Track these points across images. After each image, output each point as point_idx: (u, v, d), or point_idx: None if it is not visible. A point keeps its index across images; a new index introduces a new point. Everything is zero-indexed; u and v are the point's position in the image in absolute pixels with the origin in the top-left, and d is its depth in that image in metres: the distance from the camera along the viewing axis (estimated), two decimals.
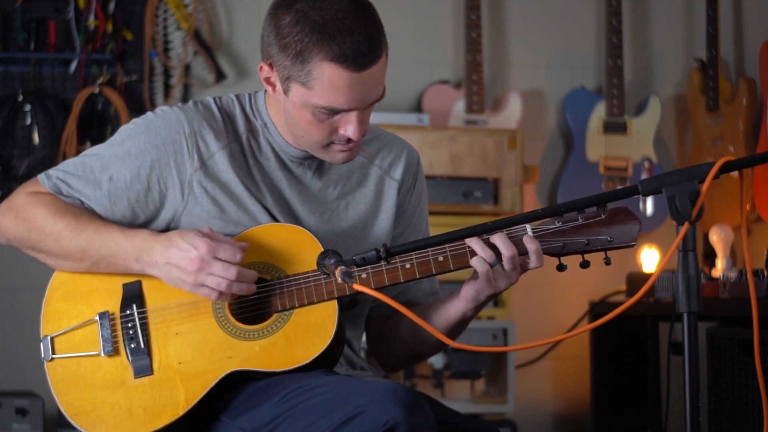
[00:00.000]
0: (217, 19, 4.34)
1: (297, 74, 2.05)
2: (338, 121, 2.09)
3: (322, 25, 2.02)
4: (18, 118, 4.14)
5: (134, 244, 2.11)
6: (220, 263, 2.05)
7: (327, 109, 2.07)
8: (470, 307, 2.16)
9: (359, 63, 2.02)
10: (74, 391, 2.15)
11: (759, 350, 1.86)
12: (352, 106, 2.06)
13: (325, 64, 2.02)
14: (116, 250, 2.12)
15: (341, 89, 2.04)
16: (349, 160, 2.17)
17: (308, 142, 2.15)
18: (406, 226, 2.33)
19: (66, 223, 2.14)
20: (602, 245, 2.09)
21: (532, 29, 4.62)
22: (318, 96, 2.05)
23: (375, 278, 2.11)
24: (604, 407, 4.28)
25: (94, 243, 2.13)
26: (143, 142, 2.17)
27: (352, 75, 2.03)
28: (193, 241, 2.05)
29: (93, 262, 2.14)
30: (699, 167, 1.78)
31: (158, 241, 2.09)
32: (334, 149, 2.14)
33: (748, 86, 4.27)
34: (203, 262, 2.05)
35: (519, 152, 4.17)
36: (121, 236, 2.12)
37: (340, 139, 2.11)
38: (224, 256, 2.05)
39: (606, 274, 4.42)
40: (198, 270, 2.05)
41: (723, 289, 3.34)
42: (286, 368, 2.08)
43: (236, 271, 2.05)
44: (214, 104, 2.23)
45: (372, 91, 2.07)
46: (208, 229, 2.09)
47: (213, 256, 2.05)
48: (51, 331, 2.18)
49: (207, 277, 2.06)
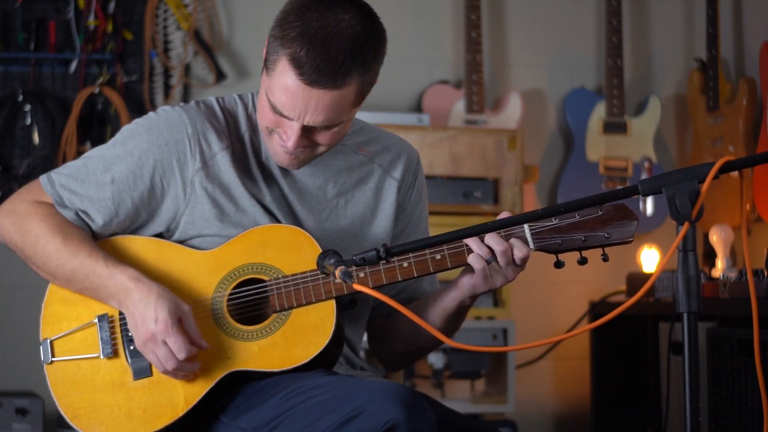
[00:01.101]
0: (217, 19, 4.34)
1: (270, 57, 2.06)
2: (282, 122, 2.09)
3: (306, 27, 2.01)
4: (18, 118, 4.14)
5: (116, 283, 2.11)
6: (165, 348, 2.06)
7: (271, 104, 2.07)
8: (467, 295, 2.16)
9: (309, 77, 2.01)
10: (74, 394, 2.15)
11: (759, 350, 1.85)
12: (291, 114, 2.06)
13: (285, 60, 2.02)
14: (99, 285, 2.13)
15: (286, 90, 2.03)
16: (290, 166, 2.16)
17: (260, 126, 2.15)
18: (406, 224, 2.33)
19: (56, 247, 2.15)
20: (600, 242, 2.09)
21: (532, 29, 4.62)
22: (272, 87, 2.06)
23: (373, 277, 2.11)
24: (604, 407, 4.28)
25: (78, 274, 2.14)
26: (146, 142, 2.17)
27: (298, 82, 2.02)
28: (159, 314, 2.06)
29: (78, 289, 2.17)
30: (699, 167, 1.78)
31: (138, 289, 2.10)
32: (275, 141, 2.13)
33: (748, 86, 4.27)
34: (153, 338, 2.07)
35: (519, 152, 4.17)
36: (106, 272, 2.12)
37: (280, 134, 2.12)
38: (171, 347, 2.06)
39: (606, 274, 4.42)
40: (146, 340, 2.08)
41: (723, 289, 3.34)
42: (285, 368, 2.08)
43: (174, 364, 2.07)
44: (217, 104, 2.24)
45: (315, 112, 2.05)
46: (188, 309, 2.09)
47: (163, 339, 2.06)
48: (50, 334, 2.18)
49: (150, 351, 2.08)
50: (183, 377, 2.10)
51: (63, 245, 2.14)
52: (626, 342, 4.15)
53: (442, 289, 2.24)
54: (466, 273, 2.15)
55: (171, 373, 2.09)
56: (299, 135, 2.08)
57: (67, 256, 2.14)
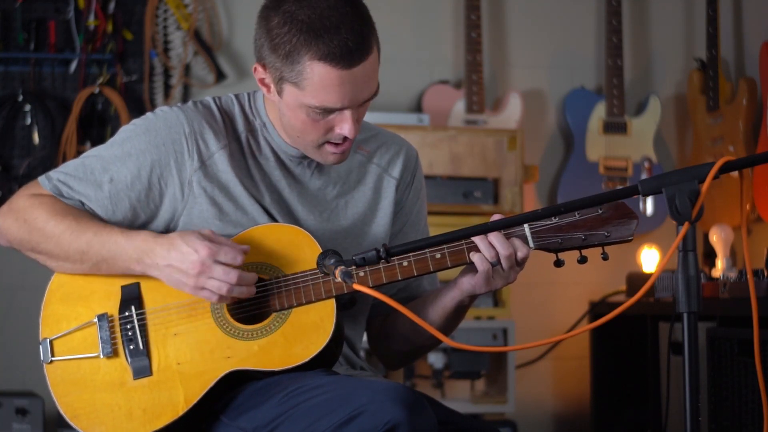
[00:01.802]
0: (217, 19, 4.34)
1: (288, 75, 2.06)
2: (333, 120, 2.09)
3: (309, 25, 2.02)
4: (18, 118, 4.14)
5: (135, 245, 2.10)
6: (221, 267, 2.05)
7: (320, 108, 2.07)
8: (466, 295, 2.16)
9: (348, 60, 2.02)
10: (74, 393, 2.15)
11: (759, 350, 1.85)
12: (344, 104, 2.06)
13: (315, 64, 2.03)
14: (117, 251, 2.12)
15: (332, 88, 2.04)
16: (341, 161, 2.17)
17: (303, 143, 2.15)
18: (404, 222, 2.33)
19: (66, 225, 2.14)
20: (599, 240, 2.09)
21: (532, 29, 4.62)
22: (310, 96, 2.06)
23: (373, 276, 2.11)
24: (604, 407, 4.28)
25: (94, 245, 2.12)
26: (143, 143, 2.17)
27: (341, 73, 2.03)
28: (194, 244, 2.05)
29: (93, 263, 2.14)
30: (699, 167, 1.78)
31: (159, 243, 2.09)
32: (327, 150, 2.14)
33: (748, 86, 4.27)
34: (204, 266, 2.05)
35: (519, 152, 4.17)
36: (122, 238, 2.12)
37: (335, 138, 2.11)
38: (225, 259, 2.05)
39: (606, 274, 4.42)
40: (199, 273, 2.05)
41: (723, 289, 3.34)
42: (285, 367, 2.08)
43: (237, 274, 2.05)
44: (214, 104, 2.24)
45: (364, 88, 2.07)
46: (209, 231, 2.09)
47: (214, 259, 2.05)
48: (50, 333, 2.18)
49: (208, 280, 2.06)
50: (248, 290, 2.07)
51: (74, 221, 2.14)
52: (626, 342, 4.15)
53: (440, 288, 2.24)
54: (466, 273, 2.14)
55: (236, 289, 2.05)
56: (355, 118, 2.09)
57: (80, 230, 2.13)
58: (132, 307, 2.15)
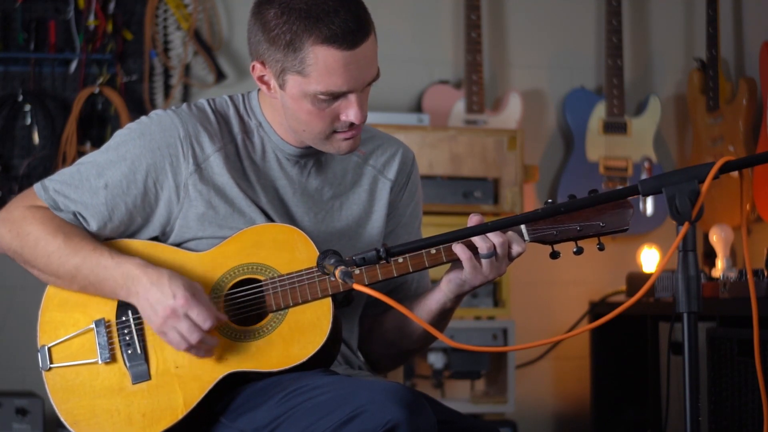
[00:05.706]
0: (217, 19, 4.34)
1: (291, 64, 2.06)
2: (338, 107, 2.09)
3: (307, 11, 2.03)
4: (18, 118, 4.14)
5: (123, 271, 2.11)
6: (188, 322, 2.06)
7: (326, 93, 2.07)
8: (450, 297, 2.17)
9: (350, 40, 2.03)
10: (73, 400, 2.15)
11: (759, 350, 1.85)
12: (350, 86, 2.06)
13: (318, 48, 2.03)
14: (105, 276, 2.12)
15: (337, 70, 2.04)
16: (354, 148, 2.16)
17: (310, 135, 2.15)
18: (396, 224, 2.33)
19: (57, 245, 2.14)
20: (595, 231, 2.09)
21: (532, 29, 4.62)
22: (315, 82, 2.06)
23: (368, 273, 2.11)
24: (604, 407, 4.28)
25: (82, 270, 2.13)
26: (138, 147, 2.17)
27: (345, 54, 2.03)
28: (175, 290, 2.06)
29: (82, 286, 2.16)
30: (699, 167, 1.78)
31: (147, 274, 2.09)
32: (337, 138, 2.14)
33: (748, 86, 4.27)
34: (174, 314, 2.06)
35: (519, 152, 4.17)
36: (111, 262, 2.12)
37: (342, 126, 2.11)
38: (195, 317, 2.06)
39: (606, 274, 4.42)
40: (166, 318, 2.06)
41: (723, 289, 3.34)
42: (283, 367, 2.08)
43: (199, 336, 2.06)
44: (208, 106, 2.23)
45: (367, 69, 2.08)
46: (200, 286, 2.10)
47: (185, 312, 2.05)
48: (48, 340, 2.18)
49: (171, 329, 2.07)
50: (206, 353, 2.08)
51: (64, 243, 2.14)
52: (626, 342, 4.15)
53: (424, 292, 2.24)
54: (453, 269, 2.15)
55: (195, 348, 2.07)
56: (360, 103, 2.09)
57: (70, 252, 2.13)
58: (129, 312, 2.15)
